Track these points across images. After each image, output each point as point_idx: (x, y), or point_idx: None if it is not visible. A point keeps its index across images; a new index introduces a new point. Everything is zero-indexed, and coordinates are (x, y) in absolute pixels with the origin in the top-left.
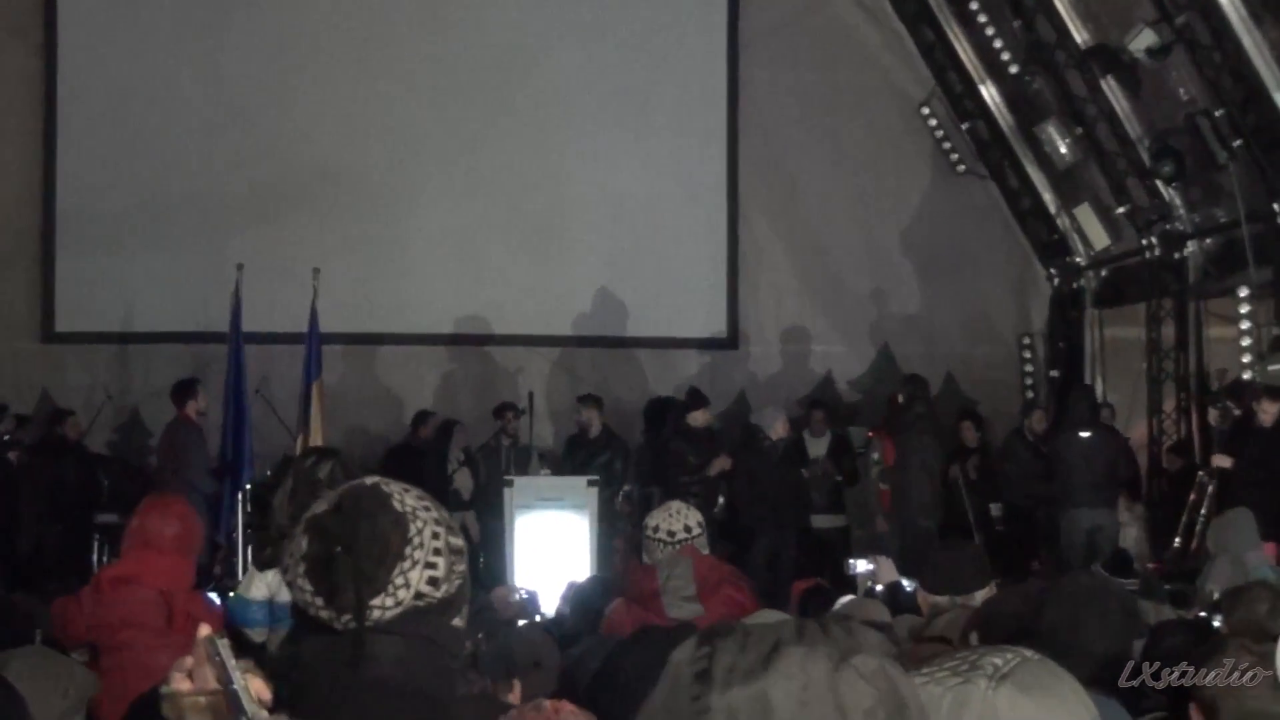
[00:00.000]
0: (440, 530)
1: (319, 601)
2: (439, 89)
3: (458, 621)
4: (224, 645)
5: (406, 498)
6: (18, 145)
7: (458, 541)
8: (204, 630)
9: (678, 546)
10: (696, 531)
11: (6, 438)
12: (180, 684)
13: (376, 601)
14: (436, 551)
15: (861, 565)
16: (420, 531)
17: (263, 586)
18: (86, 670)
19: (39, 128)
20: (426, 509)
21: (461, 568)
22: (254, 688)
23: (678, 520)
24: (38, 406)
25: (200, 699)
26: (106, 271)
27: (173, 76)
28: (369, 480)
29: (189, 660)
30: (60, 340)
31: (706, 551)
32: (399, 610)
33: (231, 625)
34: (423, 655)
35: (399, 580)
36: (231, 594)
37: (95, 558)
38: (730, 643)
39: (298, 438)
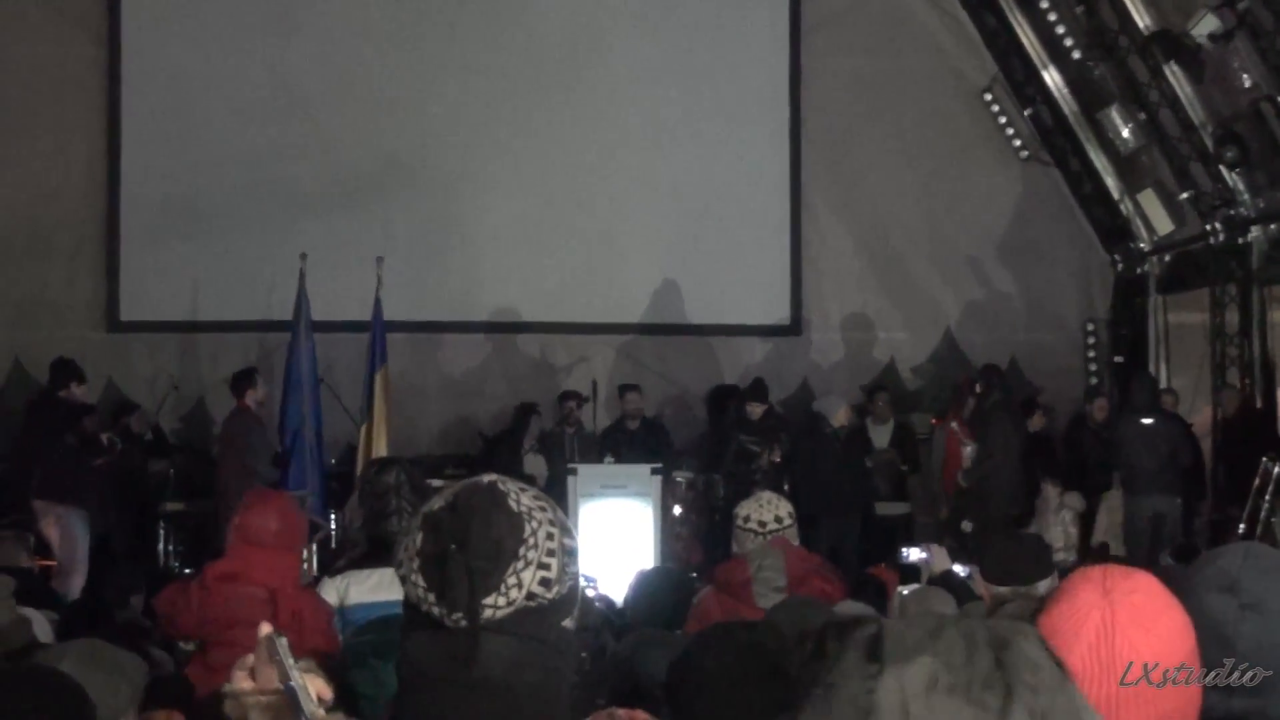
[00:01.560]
0: (555, 531)
1: (431, 598)
2: (501, 77)
3: (568, 623)
4: (284, 645)
5: (523, 497)
6: (82, 135)
7: (571, 543)
8: (264, 629)
9: (768, 537)
10: (787, 522)
11: (111, 439)
12: (243, 683)
13: (489, 600)
14: (550, 553)
15: (915, 554)
16: (535, 532)
17: (333, 593)
18: (140, 662)
19: (103, 118)
20: (542, 509)
21: (574, 569)
22: (314, 687)
23: (769, 510)
24: (103, 396)
25: (262, 698)
26: (171, 260)
27: (236, 65)
28: (486, 478)
29: (251, 659)
30: (125, 329)
31: (797, 543)
32: (510, 610)
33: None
34: (534, 656)
35: (511, 580)
36: None
37: (161, 546)
38: (895, 623)
39: (362, 426)
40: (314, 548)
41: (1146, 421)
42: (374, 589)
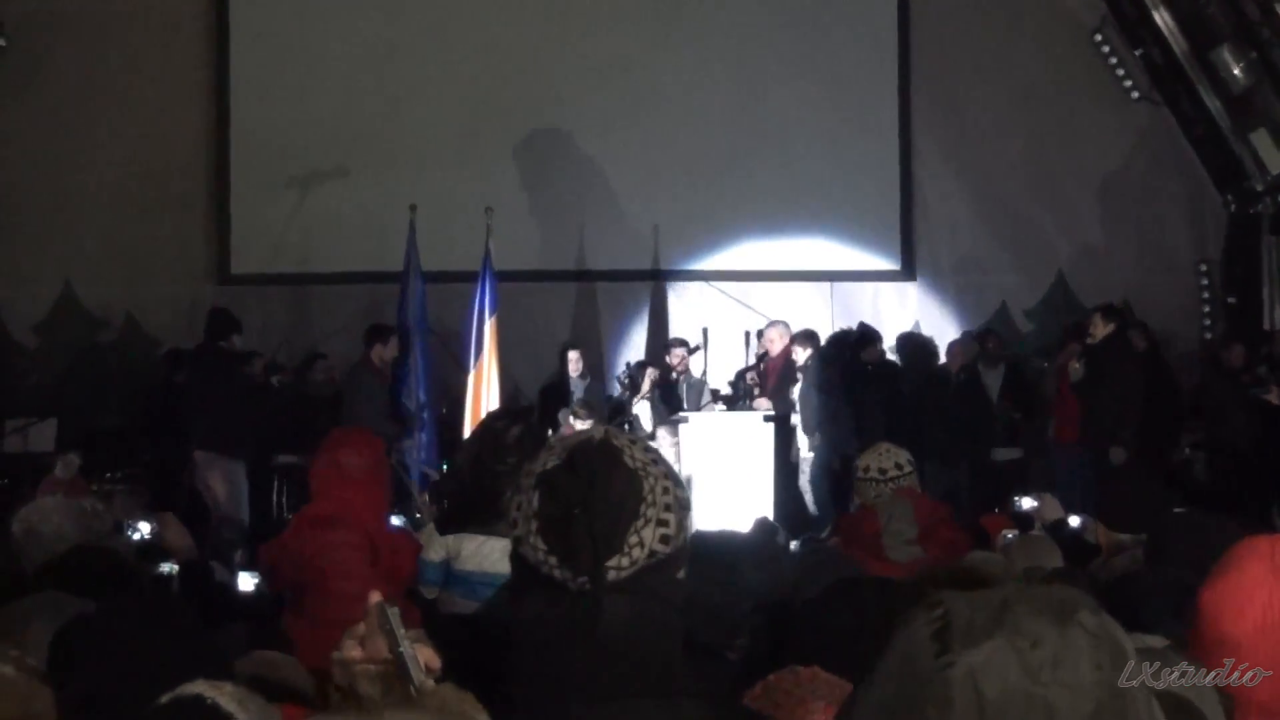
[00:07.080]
0: (669, 485)
1: (553, 561)
2: (609, 25)
3: (680, 574)
4: (394, 614)
5: (635, 451)
6: (191, 88)
7: (684, 495)
8: (374, 598)
9: (890, 485)
10: (908, 469)
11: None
12: (352, 651)
13: (612, 562)
14: (668, 508)
15: (1027, 503)
16: (653, 489)
17: (441, 549)
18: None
19: (211, 71)
20: (655, 462)
21: (689, 522)
22: (423, 656)
23: (889, 458)
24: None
25: (371, 667)
26: (281, 213)
27: (343, 16)
28: (598, 434)
29: (361, 628)
30: (236, 282)
31: (919, 490)
32: (633, 569)
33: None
34: (652, 612)
35: (633, 539)
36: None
37: (275, 497)
38: (960, 604)
39: (470, 374)
40: (425, 498)
41: None
42: (490, 560)
